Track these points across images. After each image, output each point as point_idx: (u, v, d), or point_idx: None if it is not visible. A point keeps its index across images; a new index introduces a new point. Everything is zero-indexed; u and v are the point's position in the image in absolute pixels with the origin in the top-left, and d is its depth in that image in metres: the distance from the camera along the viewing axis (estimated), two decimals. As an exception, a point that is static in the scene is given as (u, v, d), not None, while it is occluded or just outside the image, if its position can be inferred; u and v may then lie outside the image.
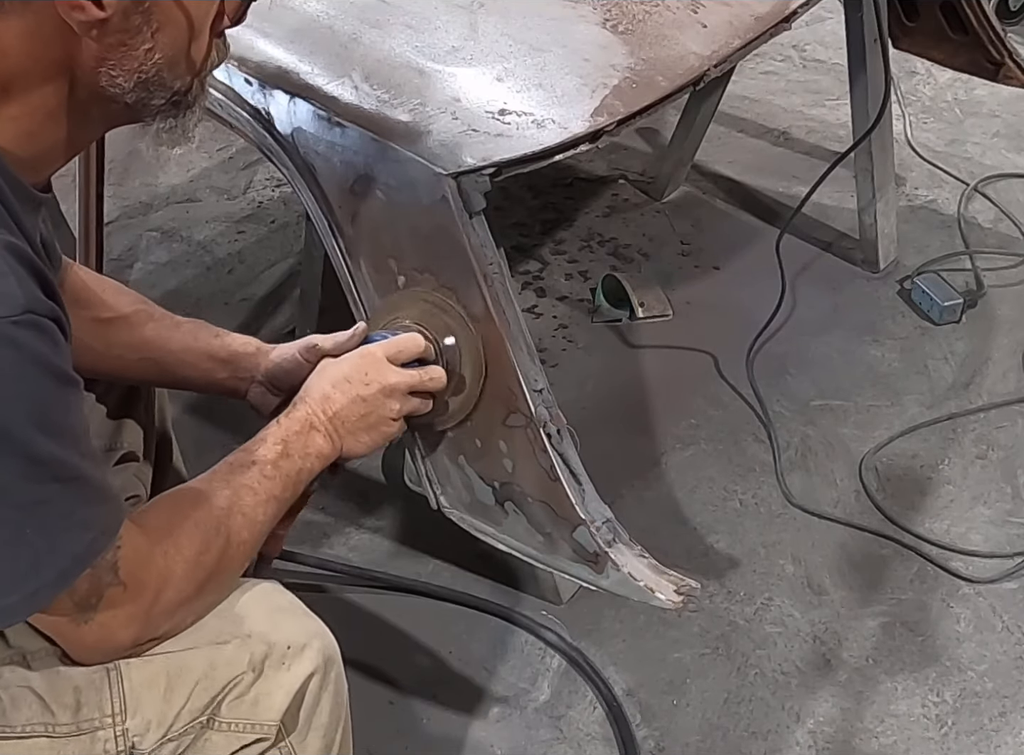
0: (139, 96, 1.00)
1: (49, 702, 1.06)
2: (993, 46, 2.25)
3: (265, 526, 1.19)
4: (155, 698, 1.07)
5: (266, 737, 1.11)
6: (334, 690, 1.16)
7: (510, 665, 1.80)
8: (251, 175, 2.91)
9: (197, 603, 1.11)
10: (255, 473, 1.18)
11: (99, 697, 1.07)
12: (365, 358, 1.30)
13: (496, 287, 1.37)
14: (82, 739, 1.07)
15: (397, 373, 1.30)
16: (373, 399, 1.28)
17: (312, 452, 1.24)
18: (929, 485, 2.10)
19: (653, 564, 1.46)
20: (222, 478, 1.17)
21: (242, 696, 1.10)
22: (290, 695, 1.11)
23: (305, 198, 1.50)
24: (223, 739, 1.10)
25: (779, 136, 3.06)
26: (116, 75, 0.97)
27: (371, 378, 1.28)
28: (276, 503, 1.19)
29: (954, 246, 2.64)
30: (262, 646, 1.11)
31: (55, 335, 0.93)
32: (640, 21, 1.57)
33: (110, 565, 1.01)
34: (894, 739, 1.71)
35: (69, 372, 0.96)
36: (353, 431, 1.28)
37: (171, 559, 1.07)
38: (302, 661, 1.12)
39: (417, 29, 1.51)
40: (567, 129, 1.38)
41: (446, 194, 1.35)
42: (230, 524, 1.13)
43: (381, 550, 1.95)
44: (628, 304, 2.45)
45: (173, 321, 1.41)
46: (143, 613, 1.05)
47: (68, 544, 0.96)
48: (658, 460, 2.13)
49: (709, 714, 1.74)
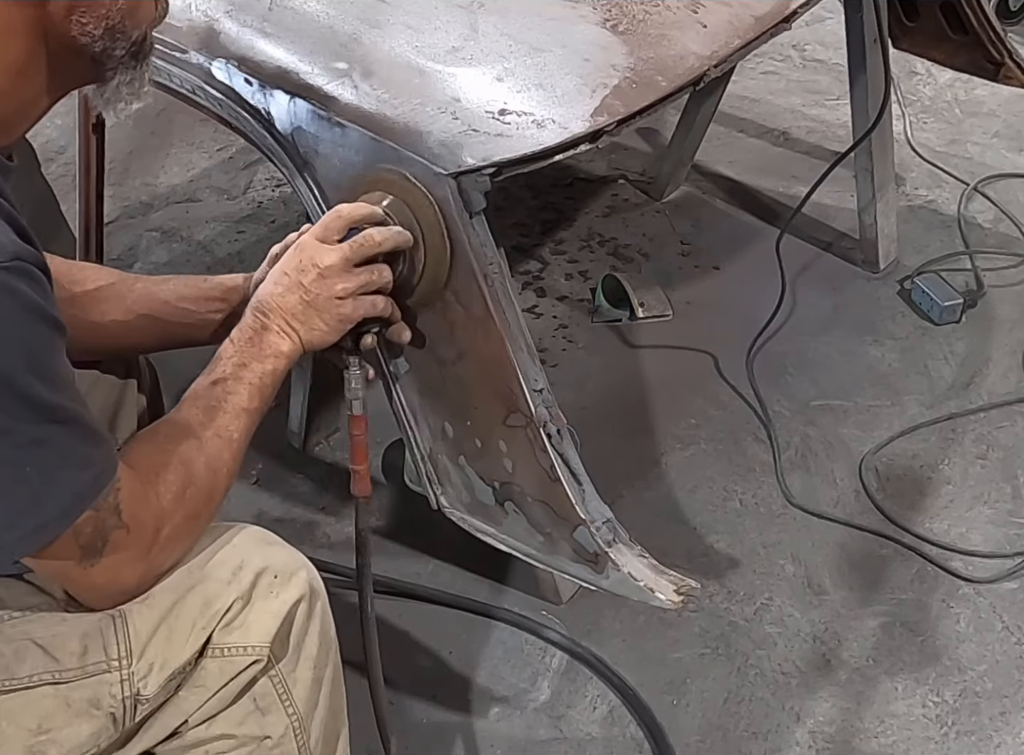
0: (106, 45, 1.02)
1: (52, 651, 1.09)
2: (993, 46, 2.25)
3: (242, 440, 1.20)
4: (158, 641, 1.11)
5: (259, 659, 1.14)
6: (321, 621, 1.19)
7: (510, 665, 1.80)
8: (251, 175, 2.91)
9: (192, 533, 1.15)
10: (218, 392, 1.20)
11: (104, 641, 1.10)
12: (298, 247, 1.29)
13: (496, 287, 1.37)
14: (88, 683, 1.09)
15: (328, 250, 1.27)
16: (314, 283, 1.26)
17: (269, 353, 1.24)
18: (929, 485, 2.10)
19: (653, 564, 1.46)
20: (191, 405, 1.19)
21: (232, 623, 1.13)
22: (278, 618, 1.14)
23: (304, 198, 1.50)
24: (217, 666, 1.13)
25: (779, 136, 3.06)
26: (87, 22, 1.00)
27: (305, 264, 1.26)
28: (247, 415, 1.20)
29: (954, 246, 2.64)
30: (250, 574, 1.14)
31: (43, 282, 0.96)
32: (640, 21, 1.57)
33: (113, 507, 1.04)
34: (894, 739, 1.71)
35: (58, 318, 0.98)
36: (304, 321, 1.26)
37: (163, 498, 1.10)
38: (288, 588, 1.16)
39: (417, 29, 1.51)
40: (567, 129, 1.38)
41: (446, 194, 1.35)
42: (209, 450, 1.16)
43: (381, 550, 1.95)
44: (628, 304, 2.45)
45: (159, 277, 1.44)
46: (145, 553, 1.09)
47: (68, 482, 1.00)
48: (658, 460, 2.13)
49: (709, 714, 1.74)
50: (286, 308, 1.25)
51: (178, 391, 1.23)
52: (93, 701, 1.09)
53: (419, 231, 1.36)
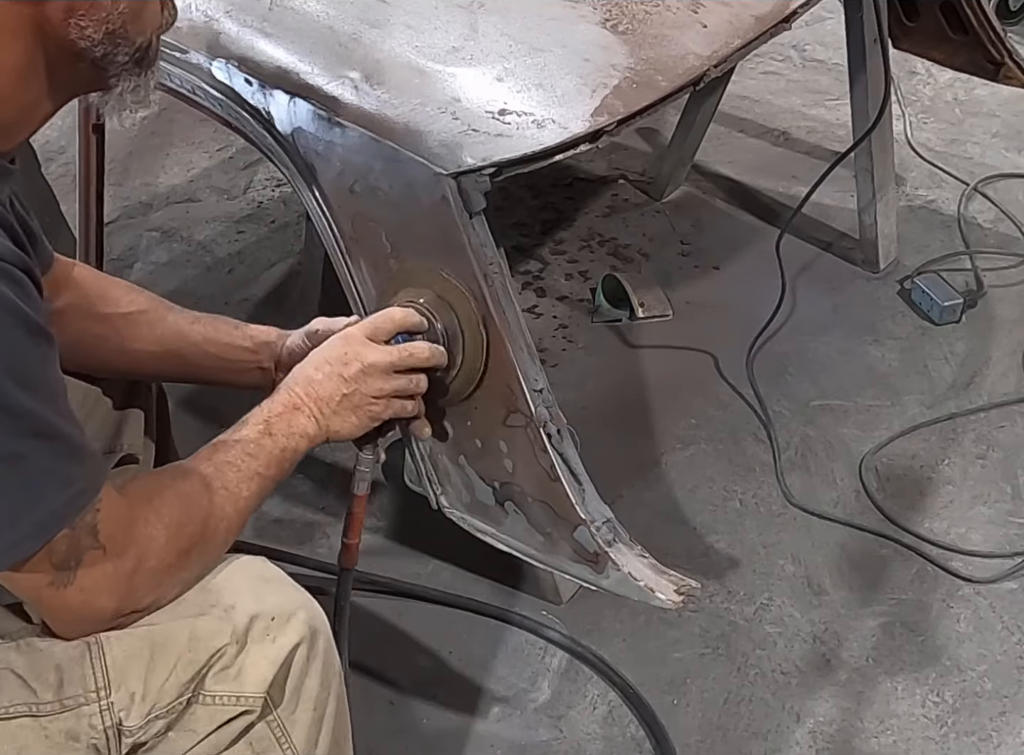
0: (106, 50, 1.00)
1: (30, 681, 1.06)
2: (993, 46, 2.25)
3: (250, 502, 1.19)
4: (138, 670, 1.07)
5: (251, 710, 1.10)
6: (323, 660, 1.15)
7: (510, 665, 1.80)
8: (251, 175, 2.91)
9: (180, 574, 1.11)
10: (237, 451, 1.18)
11: (82, 672, 1.06)
12: (345, 339, 1.30)
13: (496, 287, 1.37)
14: (66, 716, 1.06)
15: (376, 350, 1.29)
16: (354, 378, 1.27)
17: (296, 432, 1.24)
18: (929, 485, 2.10)
19: (653, 564, 1.46)
20: (204, 457, 1.18)
21: (226, 668, 1.09)
22: (275, 666, 1.10)
23: (305, 198, 1.50)
24: (207, 713, 1.09)
25: (779, 136, 3.06)
26: (85, 26, 0.98)
27: (350, 357, 1.28)
28: (260, 480, 1.19)
29: (954, 246, 2.64)
30: (244, 617, 1.10)
31: (27, 286, 0.93)
32: (640, 21, 1.57)
33: (89, 527, 1.01)
34: (894, 739, 1.71)
35: (43, 326, 0.95)
36: (338, 411, 1.27)
37: (152, 526, 1.07)
38: (287, 632, 1.11)
39: (417, 29, 1.51)
40: (567, 129, 1.38)
41: (446, 194, 1.35)
42: (212, 497, 1.14)
43: (381, 550, 1.95)
44: (628, 304, 2.45)
45: (192, 315, 1.43)
46: (125, 579, 1.05)
47: (45, 500, 0.97)
48: (658, 460, 2.13)
49: (709, 714, 1.74)
50: (322, 396, 1.26)
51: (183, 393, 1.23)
52: (72, 734, 1.06)
53: (458, 329, 1.38)
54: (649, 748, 1.69)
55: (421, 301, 1.39)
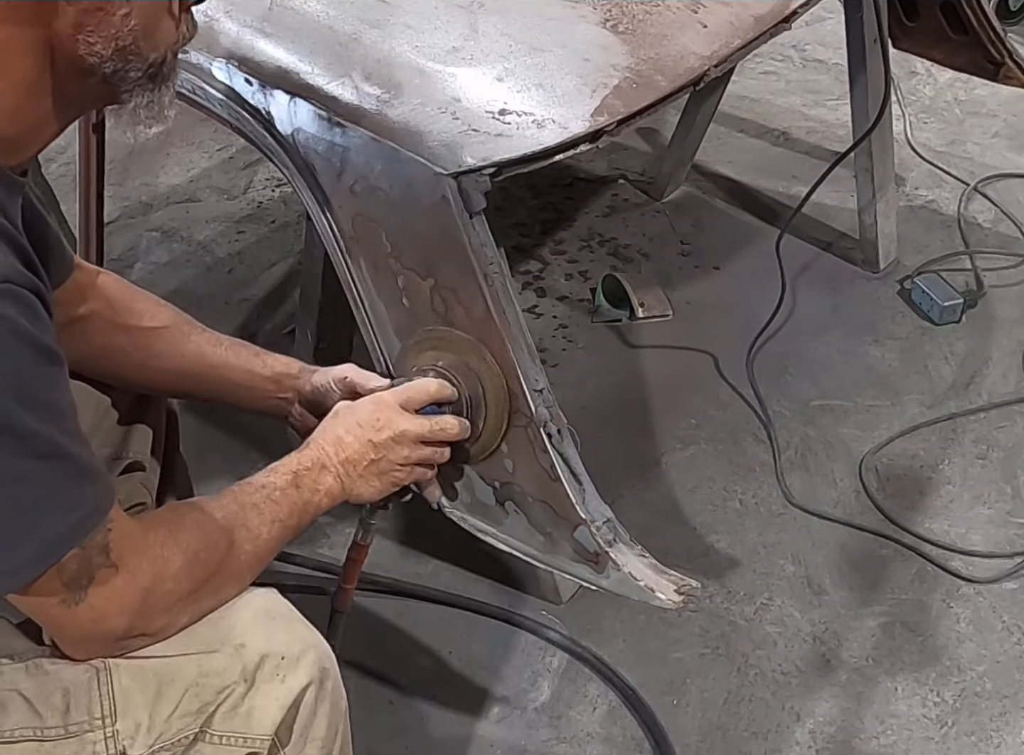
0: (116, 66, 0.98)
1: (36, 705, 1.05)
2: (993, 46, 2.25)
3: (269, 545, 1.18)
4: (145, 700, 1.06)
5: (258, 752, 1.09)
6: (331, 701, 1.14)
7: (510, 665, 1.80)
8: (251, 175, 2.91)
9: (193, 602, 1.09)
10: (262, 495, 1.18)
11: (88, 699, 1.05)
12: (378, 404, 1.31)
13: (496, 287, 1.37)
14: (71, 743, 1.05)
15: (408, 420, 1.31)
16: (383, 445, 1.29)
17: (321, 489, 1.24)
18: (929, 485, 2.10)
19: (654, 564, 1.45)
20: (229, 495, 1.17)
21: (235, 708, 1.08)
22: (284, 708, 1.09)
23: (305, 198, 1.50)
24: (213, 752, 1.08)
25: (779, 136, 3.06)
26: (94, 42, 0.96)
27: (382, 424, 1.29)
28: (281, 527, 1.19)
29: (954, 246, 2.65)
30: (255, 656, 1.09)
31: (36, 308, 0.92)
32: (640, 21, 1.57)
33: (100, 546, 1.00)
34: (894, 739, 1.71)
35: (52, 347, 0.94)
36: (363, 475, 1.28)
37: (168, 550, 1.06)
38: (296, 673, 1.10)
39: (417, 29, 1.50)
40: (567, 129, 1.38)
41: (446, 194, 1.35)
42: (234, 533, 1.13)
43: (381, 550, 1.95)
44: (628, 304, 2.45)
45: (215, 337, 1.42)
46: (138, 600, 1.04)
47: (52, 522, 0.95)
48: (658, 460, 2.13)
49: (709, 714, 1.74)
50: (350, 458, 1.27)
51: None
52: None
53: (481, 391, 1.40)
54: (649, 748, 1.69)
55: (440, 364, 1.40)
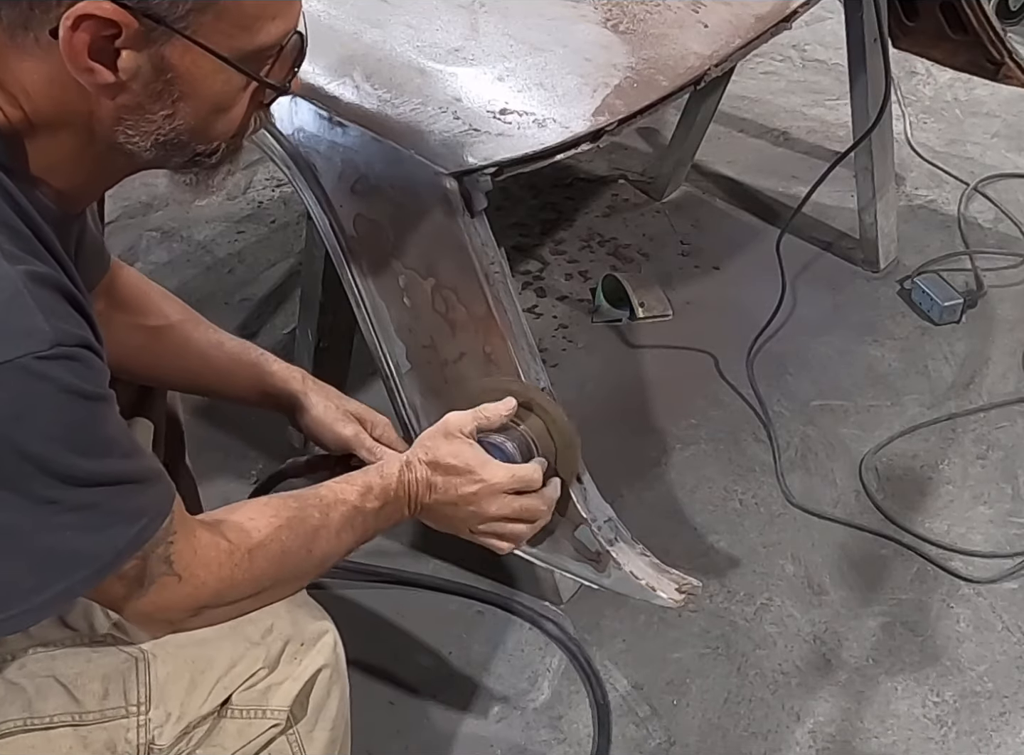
0: (157, 155, 0.99)
1: (74, 691, 1.08)
2: (993, 46, 2.25)
3: (330, 563, 1.17)
4: (178, 691, 1.10)
5: (279, 723, 1.13)
6: (341, 687, 1.18)
7: (510, 665, 1.80)
8: (251, 175, 2.91)
9: (251, 606, 1.11)
10: (349, 521, 1.16)
11: (125, 686, 1.09)
12: (484, 484, 1.23)
13: (498, 286, 1.38)
14: (106, 727, 1.09)
15: (500, 504, 1.24)
16: (463, 513, 1.24)
17: (394, 519, 1.22)
18: (929, 485, 2.10)
19: (655, 563, 1.46)
20: (314, 505, 1.14)
21: (254, 686, 1.12)
22: (300, 683, 1.13)
23: (306, 198, 1.50)
24: (236, 727, 1.12)
25: (779, 136, 3.06)
26: (133, 134, 0.96)
27: (474, 499, 1.23)
28: (347, 552, 1.18)
29: (954, 246, 2.65)
30: (279, 642, 1.13)
31: (87, 360, 0.93)
32: (641, 20, 1.57)
33: (162, 558, 1.01)
34: (894, 739, 1.71)
35: (101, 391, 0.95)
36: (430, 519, 1.27)
37: (236, 567, 1.06)
38: (313, 654, 1.14)
39: (418, 29, 1.51)
40: (568, 128, 1.38)
41: (448, 193, 1.35)
42: (308, 560, 1.13)
43: (381, 549, 1.95)
44: (628, 304, 2.45)
45: (217, 338, 1.40)
46: (200, 605, 1.06)
47: (112, 538, 0.96)
48: (658, 460, 2.13)
49: (709, 714, 1.74)
50: (428, 507, 1.23)
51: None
52: (110, 745, 1.09)
53: (552, 447, 1.32)
54: (650, 748, 1.69)
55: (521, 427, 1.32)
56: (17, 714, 1.07)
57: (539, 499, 1.27)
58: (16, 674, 1.09)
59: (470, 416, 1.26)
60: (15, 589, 0.93)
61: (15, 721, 1.07)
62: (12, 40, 0.90)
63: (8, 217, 0.92)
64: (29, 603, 0.94)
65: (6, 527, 0.90)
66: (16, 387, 0.87)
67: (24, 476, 0.89)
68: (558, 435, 1.32)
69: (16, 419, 0.87)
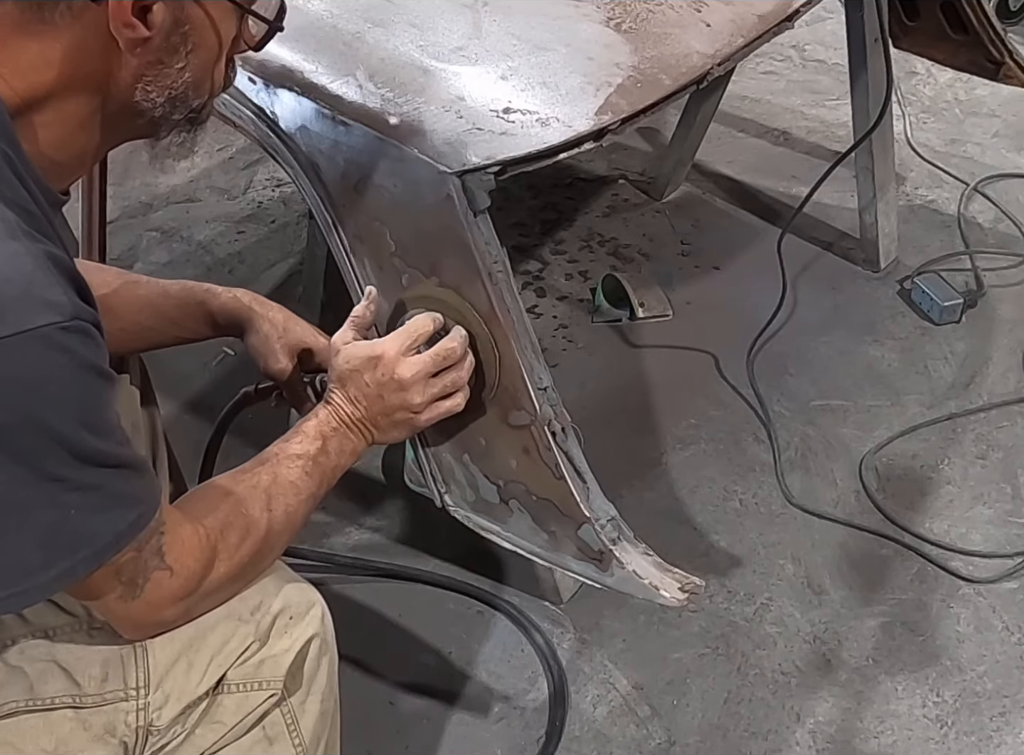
0: (165, 111, 1.05)
1: (75, 675, 1.10)
2: (993, 46, 2.25)
3: (303, 517, 1.24)
4: (175, 674, 1.12)
5: (275, 692, 1.15)
6: (331, 658, 1.21)
7: (510, 665, 1.80)
8: (251, 175, 2.91)
9: (237, 586, 1.16)
10: (298, 471, 1.23)
11: (125, 670, 1.11)
12: (381, 358, 1.32)
13: (500, 285, 1.38)
14: (105, 710, 1.11)
15: (409, 365, 1.32)
16: (393, 397, 1.32)
17: (347, 450, 1.31)
18: (929, 485, 2.10)
19: (658, 562, 1.46)
20: (267, 471, 1.21)
21: (248, 660, 1.14)
22: (292, 654, 1.16)
23: (309, 197, 1.50)
24: (234, 702, 1.14)
25: (779, 136, 3.06)
26: (151, 90, 1.02)
27: (385, 377, 1.31)
28: (314, 500, 1.25)
29: (954, 246, 2.65)
30: (269, 617, 1.16)
31: (98, 338, 0.97)
32: (643, 20, 1.57)
33: (155, 550, 1.05)
34: (894, 739, 1.71)
35: (109, 371, 0.99)
36: (383, 428, 1.33)
37: (218, 548, 1.11)
38: (302, 625, 1.17)
39: (421, 28, 1.51)
40: (571, 127, 1.38)
41: (451, 192, 1.35)
42: (271, 518, 1.18)
43: (381, 549, 1.95)
44: (628, 304, 2.45)
45: (161, 288, 1.44)
46: (191, 596, 1.10)
47: (112, 522, 0.99)
48: (658, 460, 2.13)
49: (709, 714, 1.74)
50: (370, 418, 1.32)
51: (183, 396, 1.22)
52: (109, 727, 1.11)
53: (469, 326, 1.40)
54: (650, 748, 1.69)
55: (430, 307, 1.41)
56: (18, 695, 1.09)
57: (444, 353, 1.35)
58: (17, 658, 1.11)
59: (344, 326, 1.36)
60: (21, 566, 0.96)
61: (16, 702, 1.09)
62: (37, 13, 0.95)
63: (24, 200, 0.96)
64: (35, 580, 0.97)
65: (16, 503, 0.93)
66: (38, 356, 0.90)
67: (39, 449, 0.92)
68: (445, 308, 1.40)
69: (38, 389, 0.90)
